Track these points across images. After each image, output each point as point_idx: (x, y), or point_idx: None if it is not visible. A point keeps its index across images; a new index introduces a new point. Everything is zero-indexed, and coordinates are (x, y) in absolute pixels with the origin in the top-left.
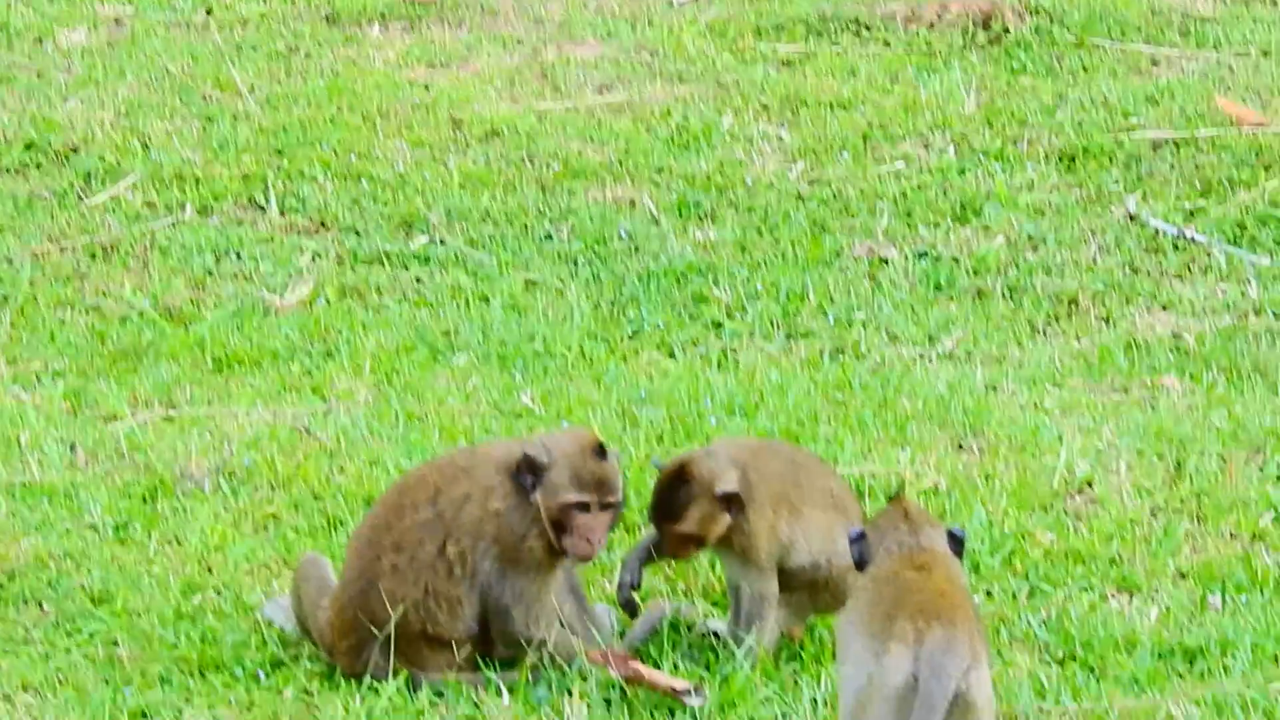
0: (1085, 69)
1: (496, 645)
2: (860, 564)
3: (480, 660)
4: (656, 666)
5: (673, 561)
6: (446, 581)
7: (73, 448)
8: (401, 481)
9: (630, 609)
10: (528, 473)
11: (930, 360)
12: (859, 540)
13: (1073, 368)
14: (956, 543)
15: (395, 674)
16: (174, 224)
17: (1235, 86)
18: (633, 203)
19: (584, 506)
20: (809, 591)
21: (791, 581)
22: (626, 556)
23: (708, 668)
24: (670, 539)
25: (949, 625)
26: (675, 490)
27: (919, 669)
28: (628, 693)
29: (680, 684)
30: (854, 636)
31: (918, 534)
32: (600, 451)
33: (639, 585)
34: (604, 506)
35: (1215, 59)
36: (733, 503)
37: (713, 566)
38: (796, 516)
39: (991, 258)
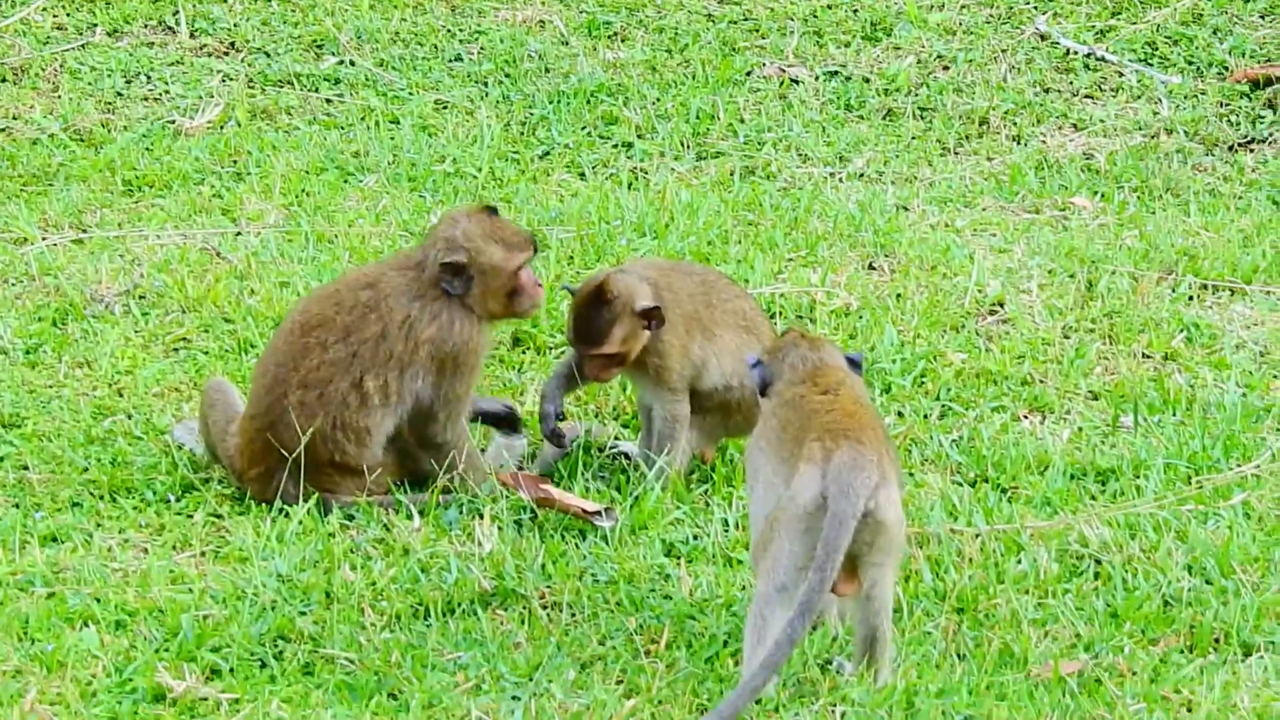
0: None
1: (406, 465)
2: (763, 389)
3: (391, 483)
4: (568, 489)
5: (585, 384)
6: (358, 413)
7: None
8: (302, 319)
9: (556, 439)
10: (454, 278)
11: (841, 180)
12: (759, 366)
13: (984, 187)
14: (855, 368)
15: (306, 498)
16: (84, 46)
17: None
18: (542, 23)
19: (526, 261)
20: (721, 414)
21: (704, 403)
22: (545, 387)
23: (619, 489)
24: (592, 362)
25: (857, 444)
26: (595, 311)
27: (827, 488)
28: (538, 515)
29: (591, 506)
30: (763, 460)
31: (820, 355)
32: (493, 211)
33: (563, 415)
34: (534, 252)
35: None
36: (653, 317)
37: (624, 388)
38: (709, 338)
39: (902, 77)
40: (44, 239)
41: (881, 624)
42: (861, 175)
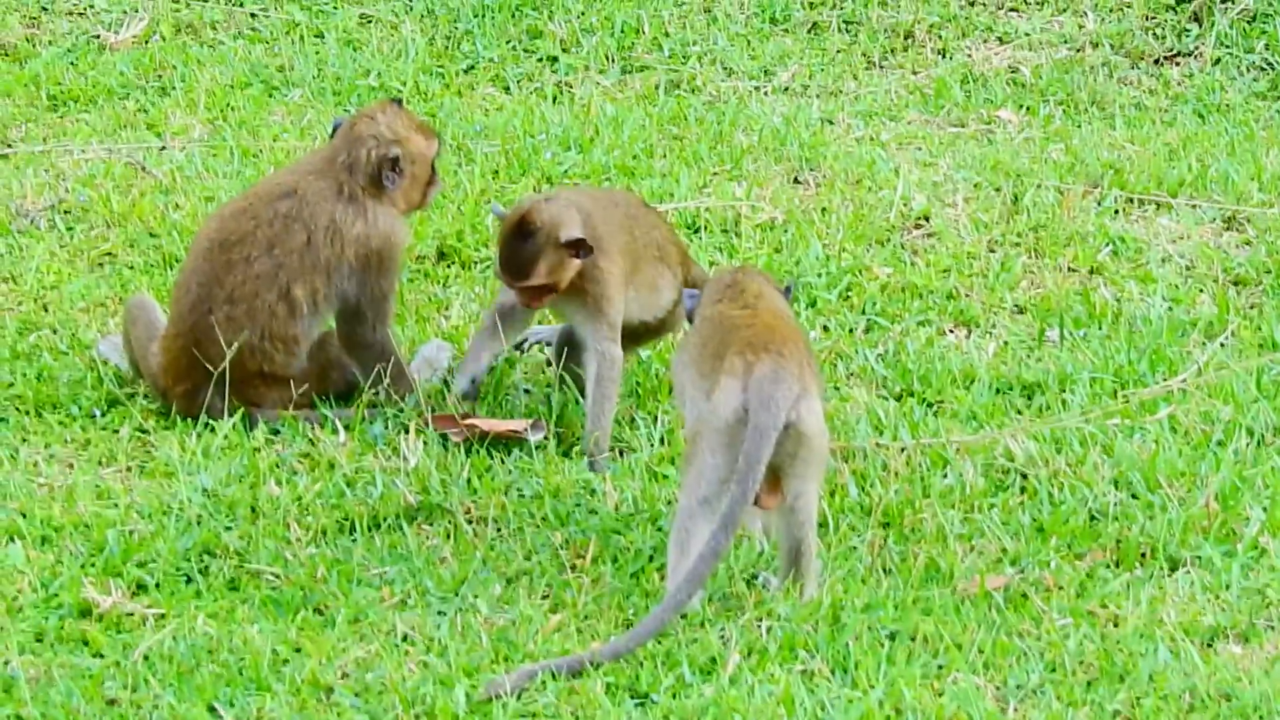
0: None
1: (331, 379)
2: (690, 315)
3: (316, 398)
4: (495, 408)
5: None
6: (286, 322)
7: None
8: (219, 236)
9: (471, 397)
10: (392, 171)
11: (766, 94)
12: (693, 296)
13: (909, 101)
14: (785, 295)
15: (231, 413)
16: None
17: None
18: None
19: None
20: (631, 340)
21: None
22: (468, 349)
23: (547, 401)
24: (521, 293)
25: (777, 357)
26: (519, 243)
27: (748, 400)
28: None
29: (519, 424)
30: (687, 376)
31: (742, 274)
32: (398, 103)
33: (475, 393)
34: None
35: None
36: (580, 248)
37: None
38: (636, 270)
39: None
40: None
41: (806, 537)
42: (786, 89)
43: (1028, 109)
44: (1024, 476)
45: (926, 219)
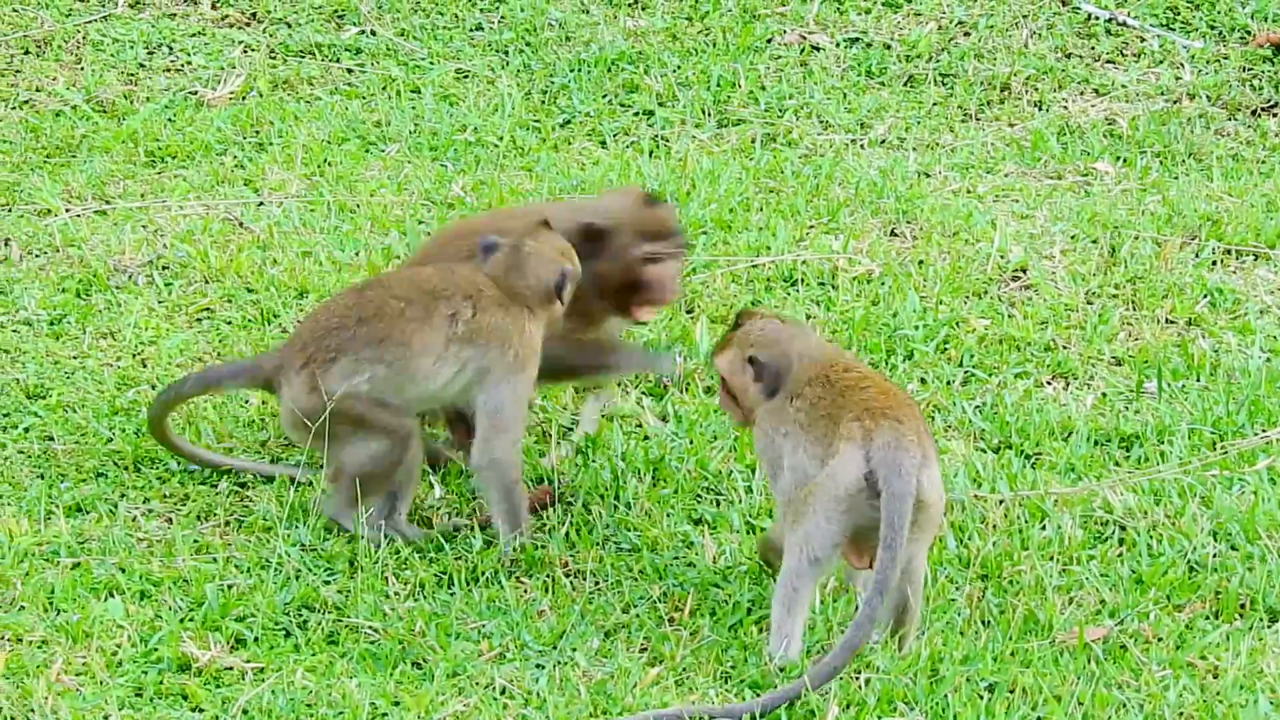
0: None
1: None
2: (776, 383)
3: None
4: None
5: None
6: None
7: (7, 243)
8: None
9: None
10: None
11: (862, 147)
12: (762, 363)
13: (1005, 153)
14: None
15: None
16: (106, 18)
17: None
18: None
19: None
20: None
21: None
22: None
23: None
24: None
25: (897, 423)
26: None
27: (874, 469)
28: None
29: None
30: (788, 444)
31: (818, 336)
32: (651, 200)
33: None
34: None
35: None
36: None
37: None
38: None
39: (923, 43)
40: (67, 210)
41: (914, 596)
42: (883, 142)
43: (1124, 161)
44: (1122, 528)
45: (1024, 271)
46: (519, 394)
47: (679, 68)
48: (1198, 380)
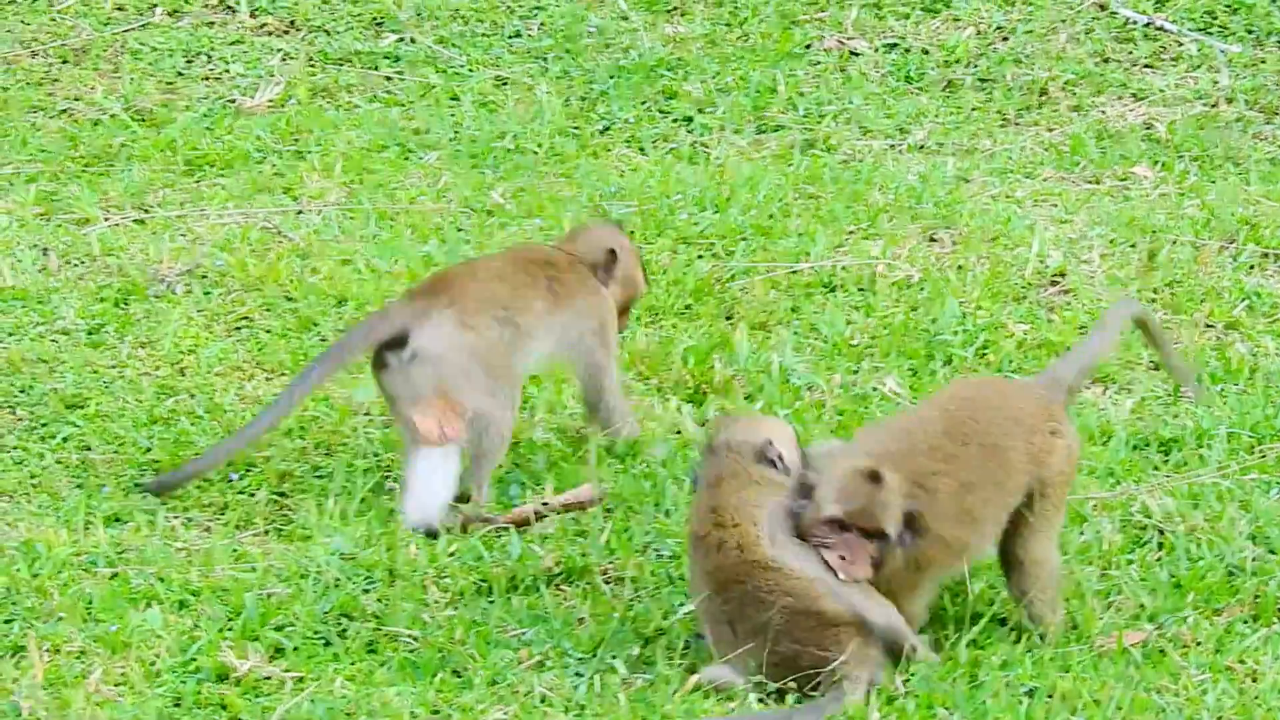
0: None
1: None
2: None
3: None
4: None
5: None
6: None
7: (45, 252)
8: None
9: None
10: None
11: (901, 152)
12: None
13: (1044, 158)
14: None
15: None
16: (144, 26)
17: None
18: None
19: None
20: None
21: None
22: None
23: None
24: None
25: None
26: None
27: None
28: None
29: (583, 493)
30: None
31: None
32: (874, 478)
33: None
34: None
35: None
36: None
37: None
38: None
39: (962, 49)
40: (106, 219)
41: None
42: (922, 147)
43: (1163, 165)
44: (1161, 532)
45: (1062, 275)
46: None
47: (718, 74)
48: (1236, 384)
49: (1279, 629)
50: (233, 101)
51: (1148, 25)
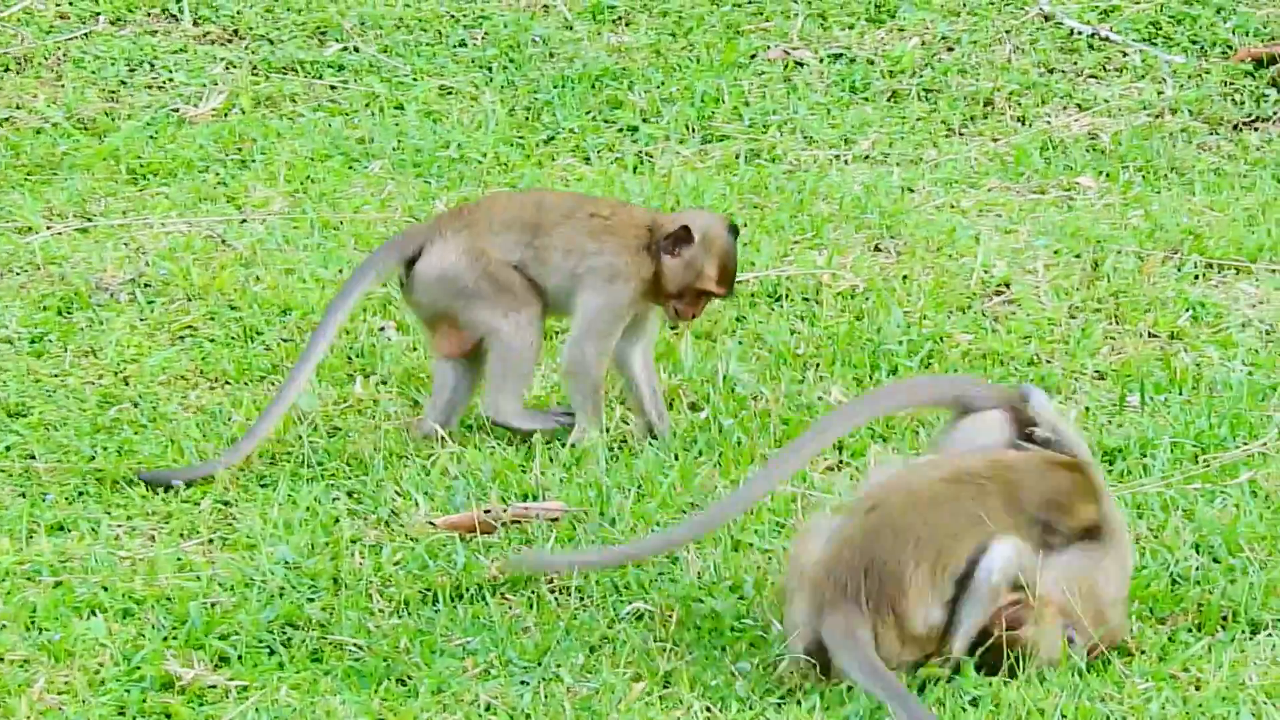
0: None
1: None
2: None
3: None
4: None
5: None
6: None
7: None
8: None
9: None
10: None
11: (846, 162)
12: None
13: (989, 168)
14: None
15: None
16: (87, 35)
17: None
18: (546, 7)
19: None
20: None
21: None
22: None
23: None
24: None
25: None
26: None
27: None
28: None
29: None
30: None
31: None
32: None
33: None
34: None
35: None
36: None
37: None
38: None
39: (906, 59)
40: (49, 228)
41: None
42: (867, 157)
43: (1107, 175)
44: None
45: (1007, 286)
46: None
47: (663, 84)
48: (1180, 394)
49: (1223, 638)
50: (176, 110)
51: (1092, 36)
